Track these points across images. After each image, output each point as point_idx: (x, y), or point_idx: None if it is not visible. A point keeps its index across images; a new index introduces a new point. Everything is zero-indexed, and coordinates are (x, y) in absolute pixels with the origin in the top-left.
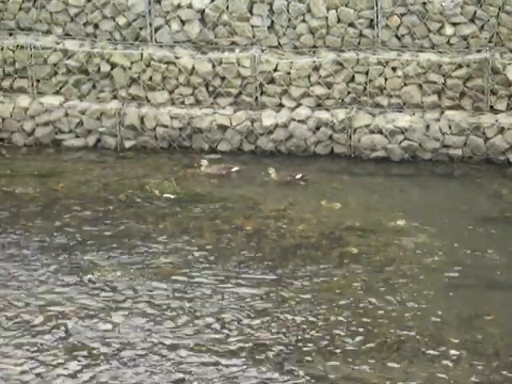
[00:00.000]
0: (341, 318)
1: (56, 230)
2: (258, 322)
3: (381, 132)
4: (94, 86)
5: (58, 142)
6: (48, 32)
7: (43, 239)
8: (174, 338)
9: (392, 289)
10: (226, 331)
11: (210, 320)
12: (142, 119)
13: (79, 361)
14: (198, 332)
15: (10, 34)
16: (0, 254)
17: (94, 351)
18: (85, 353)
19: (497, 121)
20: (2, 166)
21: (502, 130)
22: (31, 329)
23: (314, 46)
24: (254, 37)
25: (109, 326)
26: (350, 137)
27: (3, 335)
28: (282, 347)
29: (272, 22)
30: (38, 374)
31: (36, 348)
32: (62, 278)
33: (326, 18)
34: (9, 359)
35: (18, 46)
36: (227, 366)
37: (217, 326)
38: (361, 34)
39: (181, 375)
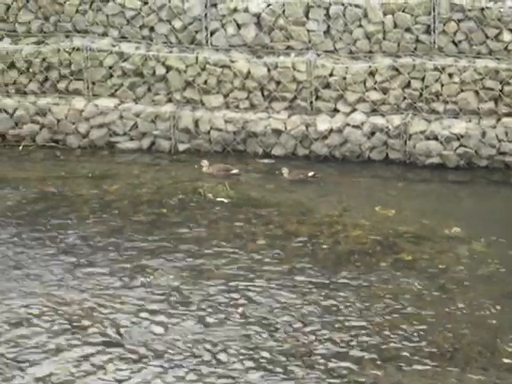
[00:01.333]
0: (393, 325)
1: (109, 233)
2: (309, 327)
3: (436, 138)
4: (149, 89)
5: (112, 144)
6: (104, 34)
7: (96, 242)
8: (224, 342)
9: (446, 296)
10: (276, 336)
11: (260, 325)
12: (196, 122)
13: (129, 364)
14: (248, 336)
15: (67, 37)
16: (50, 256)
17: (145, 354)
18: (136, 356)
19: None
20: (57, 168)
21: None
22: (82, 331)
23: (370, 51)
24: (309, 41)
25: (160, 330)
26: (406, 143)
27: (55, 335)
28: (332, 353)
29: (328, 26)
30: (87, 376)
31: (86, 350)
32: (115, 281)
33: (383, 23)
34: (61, 360)
35: (74, 48)
36: (275, 372)
37: (267, 330)
38: (417, 40)
39: (230, 380)
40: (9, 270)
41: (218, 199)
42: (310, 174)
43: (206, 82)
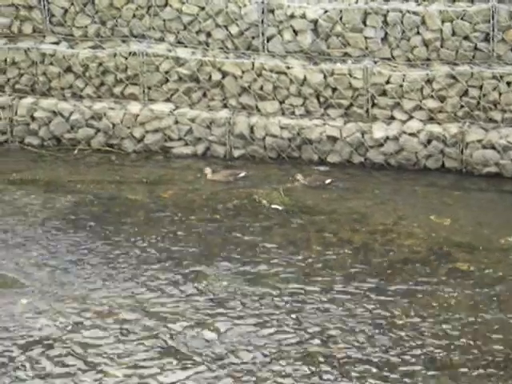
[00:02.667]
0: (447, 334)
1: (162, 238)
2: (362, 336)
3: (493, 147)
4: (204, 95)
5: (167, 149)
6: (161, 39)
7: (150, 247)
8: (278, 349)
9: (501, 307)
10: (329, 344)
11: (314, 332)
12: (251, 128)
13: (183, 369)
14: (301, 343)
15: (123, 41)
16: (105, 260)
17: (198, 359)
18: (189, 361)
19: None
20: (111, 173)
21: None
22: (135, 336)
23: (428, 59)
24: (366, 48)
25: (213, 335)
26: (462, 151)
27: (107, 341)
28: (384, 362)
29: (386, 33)
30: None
31: (140, 355)
32: (168, 286)
33: (441, 30)
34: (115, 365)
35: (130, 53)
36: (328, 379)
37: (320, 338)
38: (476, 48)
39: None
40: (62, 274)
41: (273, 206)
42: (328, 181)
43: (261, 88)
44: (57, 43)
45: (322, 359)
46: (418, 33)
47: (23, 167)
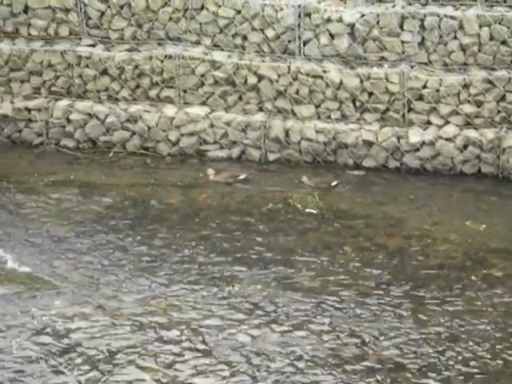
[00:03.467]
0: (483, 342)
1: (197, 241)
2: (397, 341)
3: None
4: (240, 98)
5: (202, 152)
6: (197, 43)
7: (184, 250)
8: (312, 354)
9: None
10: (363, 349)
11: (347, 337)
12: (287, 132)
13: (216, 373)
14: (335, 349)
15: (160, 44)
16: (140, 263)
17: (232, 364)
18: (223, 365)
19: None
20: (146, 176)
21: None
22: (168, 340)
23: (465, 64)
24: (403, 52)
25: (247, 339)
26: (499, 157)
27: (141, 347)
28: (419, 368)
29: (423, 38)
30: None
31: (172, 360)
32: (202, 289)
33: (479, 35)
34: (149, 367)
35: (166, 56)
36: None
37: (354, 343)
38: None
39: None
40: (96, 276)
41: (307, 210)
42: (334, 183)
43: (297, 92)
44: (93, 46)
45: (355, 364)
46: (456, 37)
47: (58, 169)
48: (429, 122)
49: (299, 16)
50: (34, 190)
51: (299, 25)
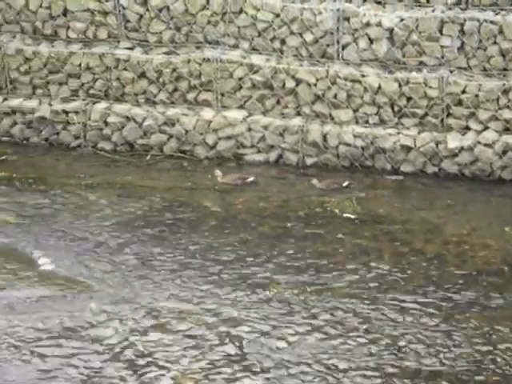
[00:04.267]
0: None
1: (234, 245)
2: (433, 347)
3: None
4: (278, 102)
5: (239, 156)
6: (235, 46)
7: (220, 254)
8: (348, 360)
9: None
10: (400, 356)
11: (384, 343)
12: (324, 137)
13: (252, 378)
14: (371, 355)
15: (198, 47)
16: (176, 267)
17: (268, 369)
18: (258, 370)
19: None
20: (184, 179)
21: None
22: (204, 342)
23: (505, 69)
24: (442, 57)
25: (283, 344)
26: None
27: (177, 347)
28: (454, 376)
29: (462, 42)
30: None
31: (209, 364)
32: (238, 294)
33: None
34: (185, 371)
35: (204, 59)
36: None
37: (391, 350)
38: None
39: None
40: (132, 279)
41: (345, 215)
42: (345, 183)
43: (335, 96)
44: (131, 49)
45: (391, 370)
46: (495, 42)
47: (96, 172)
48: (467, 128)
49: (338, 20)
50: (71, 192)
51: (338, 29)
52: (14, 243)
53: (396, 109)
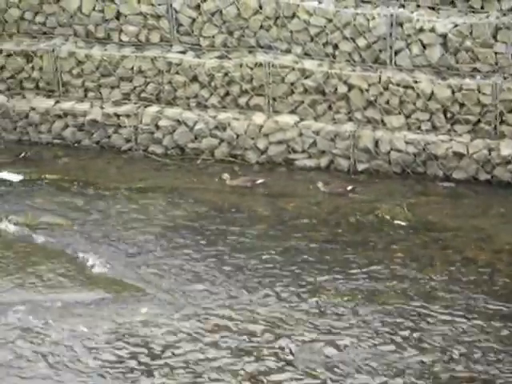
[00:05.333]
0: None
1: (284, 251)
2: (486, 358)
3: None
4: (329, 107)
5: (290, 161)
6: (287, 51)
7: (269, 259)
8: (398, 368)
9: None
10: (453, 366)
11: (436, 352)
12: (376, 142)
13: None
14: (422, 363)
15: (250, 52)
16: (227, 272)
17: (318, 375)
18: (309, 377)
19: None
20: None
21: None
22: (254, 350)
23: None
24: (496, 64)
25: (333, 351)
26: None
27: (229, 353)
28: None
29: None
30: None
31: (259, 368)
32: (288, 300)
33: None
34: (235, 377)
35: (256, 63)
36: None
37: (442, 359)
38: None
39: None
40: (182, 283)
41: (396, 221)
42: (349, 187)
43: (387, 102)
44: (183, 52)
45: (443, 379)
46: None
47: (146, 175)
48: None
49: (391, 25)
50: (121, 195)
51: (391, 34)
52: (64, 246)
53: (448, 115)
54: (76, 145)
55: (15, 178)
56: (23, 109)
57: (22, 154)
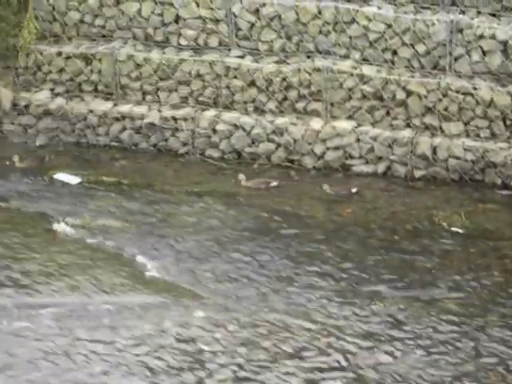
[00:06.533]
0: None
1: (340, 257)
2: None
3: None
4: (387, 113)
5: (347, 166)
6: (346, 56)
7: (325, 265)
8: (453, 378)
9: None
10: (507, 376)
11: (492, 362)
12: (434, 149)
13: None
14: (478, 375)
15: (308, 57)
16: (281, 276)
17: (371, 382)
18: (361, 383)
19: None
20: (290, 188)
21: None
22: (307, 354)
23: None
24: None
25: (388, 359)
26: None
27: (283, 357)
28: None
29: None
30: None
31: (314, 373)
32: (343, 307)
33: None
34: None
35: (314, 68)
36: None
37: (499, 369)
38: None
39: None
40: (238, 288)
41: (453, 229)
42: (354, 189)
43: (446, 109)
44: (242, 57)
45: None
46: None
47: (203, 179)
48: None
49: (451, 32)
50: (178, 199)
51: (451, 40)
52: (120, 248)
53: (508, 123)
54: (133, 147)
55: (73, 180)
56: (81, 111)
57: (46, 159)
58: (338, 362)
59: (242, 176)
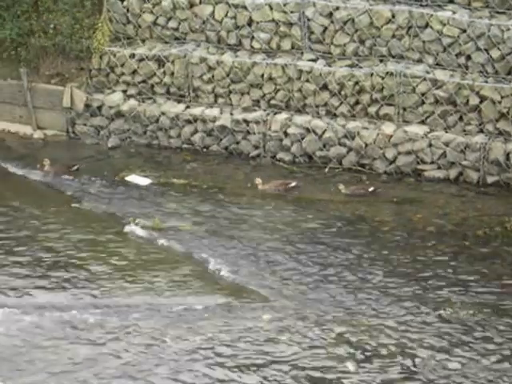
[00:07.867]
0: None
1: (411, 263)
2: None
3: None
4: (460, 118)
5: (418, 171)
6: (419, 61)
7: (395, 270)
8: None
9: None
10: None
11: None
12: (507, 155)
13: None
14: None
15: (381, 61)
16: (347, 282)
17: None
18: None
19: None
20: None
21: None
22: (375, 359)
23: None
24: None
25: (457, 365)
26: None
27: (342, 360)
28: None
29: None
30: None
31: (381, 378)
32: (412, 312)
33: None
34: None
35: (387, 73)
36: None
37: None
38: None
39: None
40: (306, 292)
41: None
42: (371, 189)
43: None
44: (314, 60)
45: None
46: None
47: None
48: None
49: None
50: (248, 202)
51: None
52: (189, 250)
53: None
54: (204, 150)
55: (143, 181)
56: (154, 113)
57: (76, 167)
58: (407, 367)
59: (258, 180)
